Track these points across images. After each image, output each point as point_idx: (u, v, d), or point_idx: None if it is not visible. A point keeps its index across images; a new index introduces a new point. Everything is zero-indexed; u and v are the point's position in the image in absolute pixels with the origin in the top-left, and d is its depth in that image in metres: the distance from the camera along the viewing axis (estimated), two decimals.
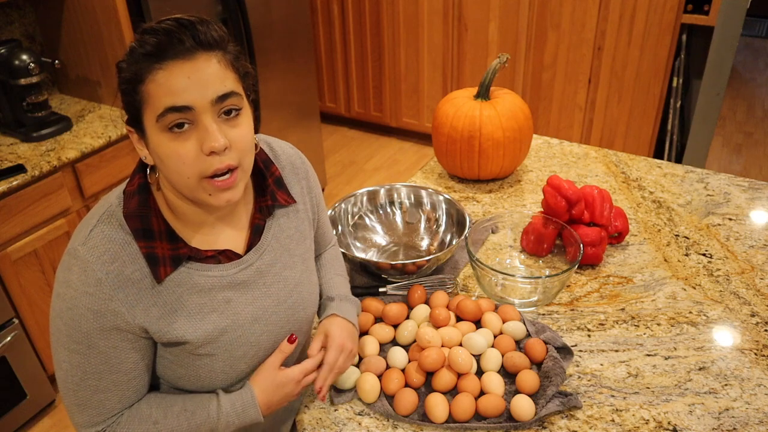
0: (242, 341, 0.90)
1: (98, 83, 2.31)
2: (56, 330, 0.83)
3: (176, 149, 0.77)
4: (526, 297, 1.22)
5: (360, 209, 1.45)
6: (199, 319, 0.86)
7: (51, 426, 2.17)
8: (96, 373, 0.83)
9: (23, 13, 2.31)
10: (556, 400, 1.01)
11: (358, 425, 1.01)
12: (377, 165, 3.78)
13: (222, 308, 0.88)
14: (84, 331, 0.80)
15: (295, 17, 2.82)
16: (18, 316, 2.00)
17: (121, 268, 0.80)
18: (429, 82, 3.61)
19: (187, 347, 0.86)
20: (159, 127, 0.76)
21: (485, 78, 1.63)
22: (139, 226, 0.82)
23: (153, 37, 0.75)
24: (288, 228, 0.98)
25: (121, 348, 0.83)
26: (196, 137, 0.77)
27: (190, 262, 0.86)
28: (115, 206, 0.83)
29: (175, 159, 0.77)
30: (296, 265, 0.98)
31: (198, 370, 0.88)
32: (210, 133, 0.76)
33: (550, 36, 3.13)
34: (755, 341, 1.15)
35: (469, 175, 1.68)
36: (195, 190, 0.80)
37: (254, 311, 0.91)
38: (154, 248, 0.82)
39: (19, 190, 1.89)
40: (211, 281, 0.87)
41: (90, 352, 0.82)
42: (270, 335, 0.93)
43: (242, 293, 0.90)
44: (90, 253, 0.79)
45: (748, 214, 1.52)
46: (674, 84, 2.97)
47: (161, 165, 0.80)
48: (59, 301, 0.81)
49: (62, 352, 0.83)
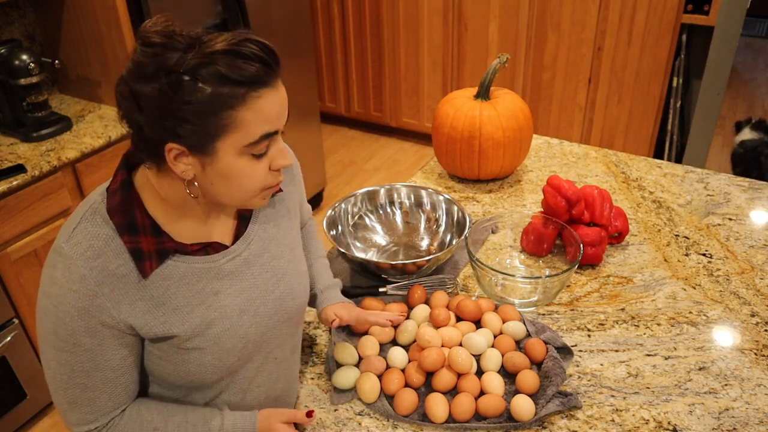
0: (231, 333, 0.89)
1: (98, 83, 2.31)
2: (43, 328, 0.83)
3: (253, 169, 0.80)
4: (526, 297, 1.22)
5: (360, 209, 1.45)
6: (186, 312, 0.86)
7: (51, 426, 2.17)
8: (84, 371, 0.83)
9: (23, 13, 2.31)
10: (556, 400, 1.01)
11: (358, 425, 1.01)
12: (377, 165, 3.78)
13: (210, 301, 0.88)
14: (70, 328, 0.80)
15: (295, 17, 2.82)
16: (18, 316, 2.00)
17: (106, 264, 0.80)
18: (429, 82, 3.61)
19: (175, 341, 0.86)
20: (244, 151, 0.78)
21: (485, 78, 1.63)
22: (123, 221, 0.81)
23: (238, 59, 0.73)
24: (275, 217, 0.98)
25: (108, 345, 0.83)
26: (268, 155, 0.82)
27: (177, 254, 0.85)
28: (99, 203, 0.83)
29: (248, 178, 0.80)
30: (284, 254, 0.98)
31: (187, 365, 0.88)
32: (284, 153, 0.83)
33: (550, 36, 3.13)
34: (755, 341, 1.15)
35: (469, 175, 1.68)
36: (248, 200, 0.84)
37: (242, 303, 0.91)
38: (139, 243, 0.82)
39: (19, 190, 1.89)
40: (198, 272, 0.87)
41: (77, 349, 0.81)
42: (258, 327, 0.93)
43: (230, 284, 0.90)
44: (73, 250, 0.79)
45: (748, 214, 1.52)
46: (674, 84, 2.97)
47: (223, 182, 0.81)
48: (45, 299, 0.81)
49: (49, 351, 0.83)
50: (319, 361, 1.15)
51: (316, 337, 1.21)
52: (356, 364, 1.10)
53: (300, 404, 1.06)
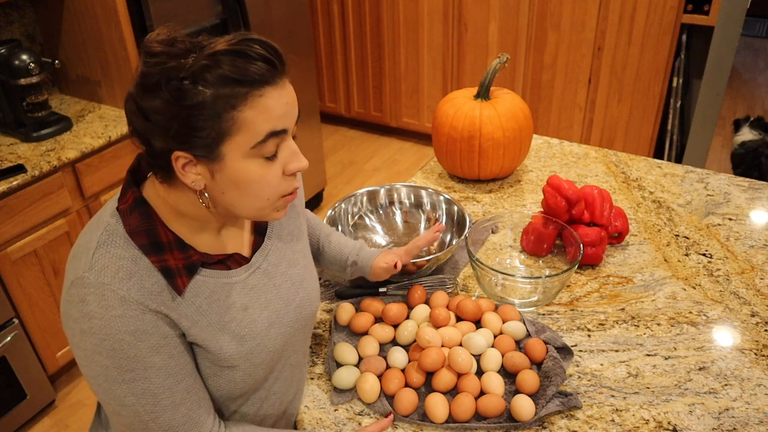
0: (261, 348, 0.88)
1: (98, 83, 2.31)
2: (100, 370, 0.75)
3: (264, 175, 0.77)
4: (526, 297, 1.22)
5: (360, 209, 1.45)
6: (218, 329, 0.83)
7: (51, 426, 2.17)
8: (166, 389, 0.78)
9: (23, 13, 2.31)
10: (556, 400, 1.01)
11: (358, 425, 1.01)
12: (377, 165, 3.78)
13: (240, 317, 0.85)
14: (133, 355, 0.75)
15: (295, 17, 2.82)
16: (18, 316, 2.00)
17: (141, 282, 0.75)
18: (429, 82, 3.62)
19: (209, 356, 0.84)
20: (251, 153, 0.75)
21: (485, 78, 1.63)
22: (147, 241, 0.77)
23: (239, 59, 0.72)
24: (287, 225, 0.98)
25: (179, 353, 0.79)
26: (280, 159, 0.78)
27: (203, 269, 0.82)
28: (114, 224, 0.78)
29: (260, 184, 0.77)
30: (298, 261, 0.97)
31: (218, 380, 0.86)
32: (297, 154, 0.79)
33: (550, 36, 3.13)
34: (755, 341, 1.15)
35: (469, 175, 1.68)
36: (263, 209, 0.81)
37: (269, 315, 0.89)
38: (167, 260, 0.78)
39: (19, 190, 1.89)
40: (226, 288, 0.84)
41: (149, 373, 0.76)
42: (283, 337, 0.92)
43: (256, 298, 0.88)
44: (101, 275, 0.74)
45: (748, 214, 1.52)
46: (674, 84, 2.97)
47: (235, 190, 0.77)
48: (87, 338, 0.74)
49: (119, 388, 0.76)
50: (319, 361, 1.15)
51: (316, 337, 1.21)
52: (356, 364, 1.10)
53: (300, 404, 1.06)
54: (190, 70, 0.71)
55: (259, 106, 0.73)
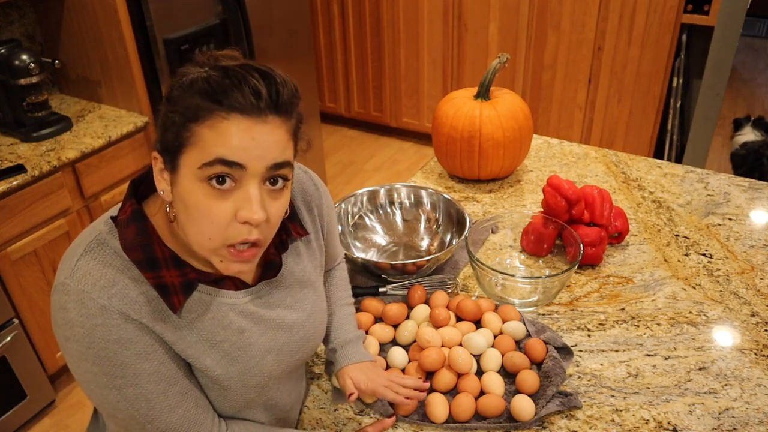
0: (255, 372, 0.85)
1: (98, 83, 2.31)
2: (89, 376, 0.73)
3: (210, 207, 0.70)
4: (526, 297, 1.22)
5: (360, 209, 1.45)
6: (210, 346, 0.80)
7: (51, 426, 2.17)
8: (159, 393, 0.75)
9: (23, 13, 2.31)
10: (556, 400, 1.01)
11: (358, 425, 1.01)
12: (377, 165, 3.78)
13: (234, 338, 0.82)
14: (120, 362, 0.72)
15: (295, 17, 2.82)
16: (18, 316, 2.00)
17: (124, 291, 0.72)
18: (429, 82, 3.61)
19: (199, 366, 0.82)
20: (199, 174, 0.69)
21: (485, 78, 1.63)
22: (142, 256, 0.74)
23: (227, 79, 0.69)
24: (302, 260, 0.94)
25: (169, 357, 0.77)
26: (234, 199, 0.70)
27: (201, 285, 0.80)
28: (105, 233, 0.75)
29: (204, 216, 0.70)
30: (308, 296, 0.94)
31: (211, 392, 0.84)
32: (252, 202, 0.70)
33: (550, 36, 3.13)
34: (755, 341, 1.15)
35: (469, 175, 1.68)
36: (208, 251, 0.73)
37: (267, 342, 0.86)
38: (163, 277, 0.75)
39: (19, 190, 1.89)
40: (223, 308, 0.81)
41: (140, 379, 0.73)
42: (281, 364, 0.90)
43: (254, 323, 0.85)
44: (81, 282, 0.71)
45: (748, 214, 1.52)
46: (674, 84, 2.97)
47: (184, 212, 0.72)
48: (72, 344, 0.72)
49: (110, 394, 0.73)
50: (319, 361, 1.15)
51: None
52: None
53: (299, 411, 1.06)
54: (189, 76, 0.72)
55: (218, 128, 0.68)
